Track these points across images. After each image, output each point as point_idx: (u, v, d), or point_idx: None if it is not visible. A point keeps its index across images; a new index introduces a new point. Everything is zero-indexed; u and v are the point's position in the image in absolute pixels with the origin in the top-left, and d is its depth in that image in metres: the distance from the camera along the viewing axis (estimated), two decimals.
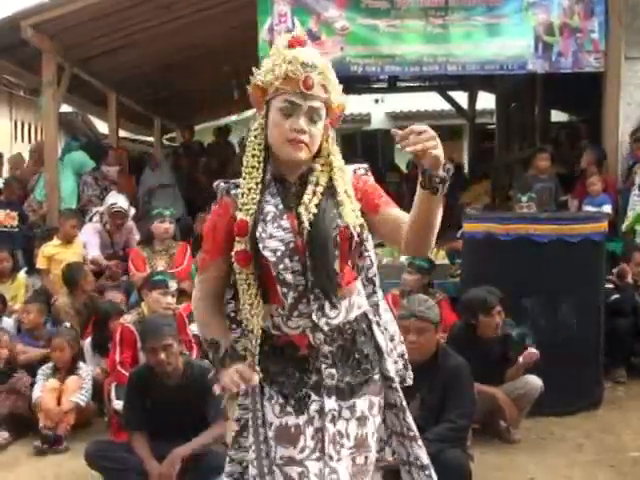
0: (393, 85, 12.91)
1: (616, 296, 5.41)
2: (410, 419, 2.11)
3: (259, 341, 1.98)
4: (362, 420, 2.00)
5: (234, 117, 15.16)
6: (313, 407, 1.96)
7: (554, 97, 9.79)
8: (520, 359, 4.21)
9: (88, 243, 6.27)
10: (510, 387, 4.22)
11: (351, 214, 1.94)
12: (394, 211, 1.99)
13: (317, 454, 1.94)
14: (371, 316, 2.09)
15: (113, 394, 4.35)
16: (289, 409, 1.98)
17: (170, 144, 13.72)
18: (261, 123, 1.97)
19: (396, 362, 2.17)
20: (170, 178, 8.93)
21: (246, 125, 15.70)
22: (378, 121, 17.30)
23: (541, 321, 4.48)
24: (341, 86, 2.00)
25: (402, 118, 17.39)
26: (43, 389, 4.56)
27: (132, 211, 6.70)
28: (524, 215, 5.62)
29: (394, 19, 6.61)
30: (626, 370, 5.31)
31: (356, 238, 1.95)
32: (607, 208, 6.26)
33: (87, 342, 5.05)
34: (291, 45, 1.94)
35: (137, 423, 3.73)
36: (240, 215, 1.94)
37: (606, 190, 6.54)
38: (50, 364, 4.73)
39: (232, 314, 2.13)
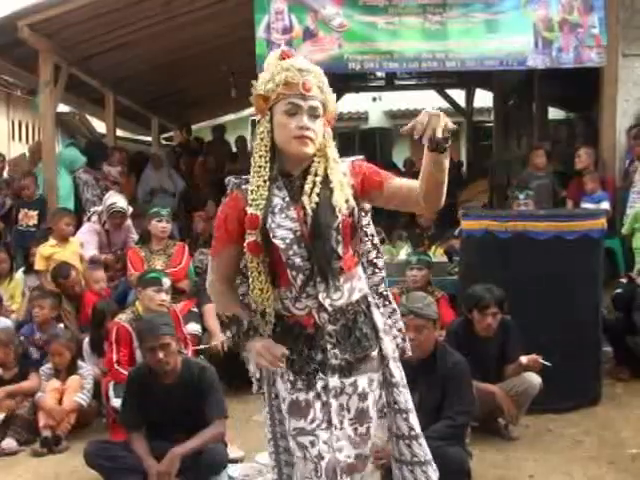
0: (391, 83, 12.90)
1: (618, 290, 5.45)
2: (402, 394, 2.31)
3: (273, 321, 2.22)
4: (363, 395, 2.22)
5: (232, 116, 15.15)
6: (319, 384, 2.19)
7: (552, 94, 9.80)
8: (523, 360, 4.19)
9: (86, 242, 6.26)
10: (509, 384, 4.22)
11: (341, 200, 2.13)
12: (396, 181, 2.20)
13: (325, 424, 2.17)
14: (370, 298, 2.30)
15: (111, 393, 4.36)
16: (299, 385, 2.21)
17: (168, 143, 13.70)
18: (266, 127, 2.16)
19: (395, 337, 2.40)
20: (172, 181, 8.92)
21: (245, 123, 15.73)
22: (376, 119, 17.29)
23: (539, 318, 4.48)
24: (332, 89, 2.21)
25: (400, 116, 17.36)
26: (45, 389, 4.55)
27: (130, 210, 6.69)
28: (522, 212, 5.62)
29: (392, 16, 6.57)
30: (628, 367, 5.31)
31: (351, 220, 2.17)
32: (605, 205, 6.26)
33: (86, 342, 5.06)
34: (282, 58, 2.16)
35: (135, 422, 3.73)
36: (250, 210, 2.15)
37: (604, 187, 6.54)
38: (50, 364, 4.73)
39: (240, 297, 2.35)
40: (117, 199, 6.51)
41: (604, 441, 4.21)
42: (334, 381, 2.18)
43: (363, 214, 2.30)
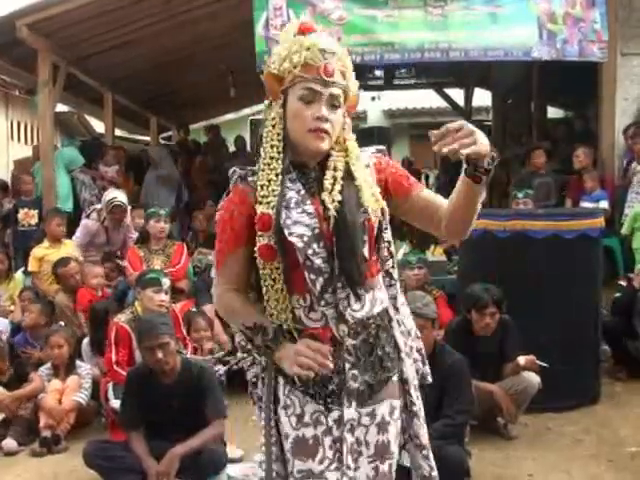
0: (389, 82, 12.89)
1: (617, 295, 5.44)
2: (422, 428, 2.04)
3: (285, 336, 1.89)
4: (383, 426, 1.93)
5: (231, 115, 15.14)
6: (332, 415, 1.89)
7: (550, 93, 9.80)
8: (521, 360, 4.18)
9: (76, 236, 6.25)
10: (508, 383, 4.22)
11: (371, 199, 1.89)
12: (424, 194, 1.98)
13: (336, 464, 1.87)
14: (391, 312, 2.01)
15: (110, 393, 4.35)
16: (307, 420, 1.89)
17: (167, 143, 13.71)
18: (279, 112, 1.88)
19: (415, 360, 2.10)
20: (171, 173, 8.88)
21: (244, 123, 15.72)
22: (374, 118, 17.29)
23: (538, 317, 4.47)
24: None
25: (398, 115, 17.40)
26: (46, 389, 4.54)
27: (129, 208, 6.68)
28: (521, 211, 5.62)
29: (392, 9, 6.48)
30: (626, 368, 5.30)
31: (377, 227, 1.93)
32: (604, 204, 6.27)
33: (85, 342, 5.05)
34: (301, 32, 1.87)
35: (135, 422, 3.73)
36: (261, 208, 1.84)
37: (603, 186, 6.54)
38: (48, 364, 4.72)
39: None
40: (117, 194, 6.50)
41: (603, 440, 4.21)
42: (349, 413, 1.86)
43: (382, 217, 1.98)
